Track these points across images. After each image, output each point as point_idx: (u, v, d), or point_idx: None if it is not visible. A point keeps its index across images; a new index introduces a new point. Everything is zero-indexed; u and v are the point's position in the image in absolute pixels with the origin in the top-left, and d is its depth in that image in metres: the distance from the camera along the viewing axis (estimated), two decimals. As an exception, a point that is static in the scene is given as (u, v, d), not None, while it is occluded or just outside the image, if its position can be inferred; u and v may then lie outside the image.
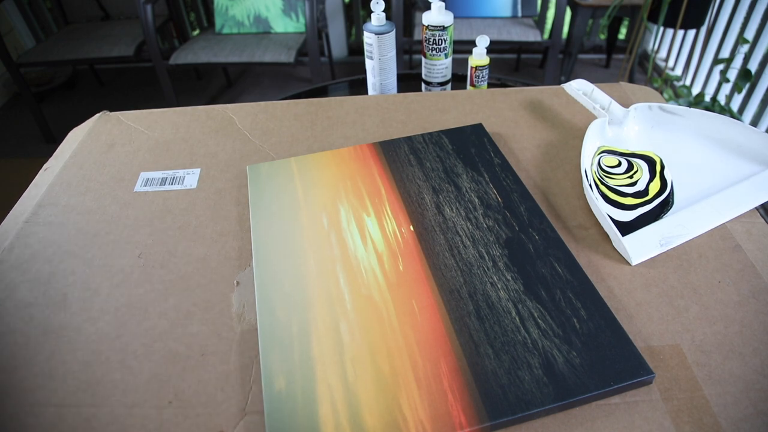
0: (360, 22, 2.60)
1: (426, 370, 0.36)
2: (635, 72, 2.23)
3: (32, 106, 2.06)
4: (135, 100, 2.41)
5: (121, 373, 0.38)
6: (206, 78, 2.54)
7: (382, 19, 0.71)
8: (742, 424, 0.33)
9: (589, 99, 0.63)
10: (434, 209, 0.48)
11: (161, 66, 1.91)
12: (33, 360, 0.39)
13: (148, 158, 0.59)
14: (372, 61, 0.74)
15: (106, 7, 2.30)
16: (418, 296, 0.41)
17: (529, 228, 0.46)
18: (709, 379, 0.36)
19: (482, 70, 0.76)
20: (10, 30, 2.39)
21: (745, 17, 1.73)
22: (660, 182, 0.51)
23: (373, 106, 0.66)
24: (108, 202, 0.53)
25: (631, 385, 0.35)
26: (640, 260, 0.44)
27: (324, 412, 0.34)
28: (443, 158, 0.54)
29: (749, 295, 0.41)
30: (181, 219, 0.51)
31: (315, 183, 0.52)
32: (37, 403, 0.36)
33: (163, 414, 0.36)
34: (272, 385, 0.35)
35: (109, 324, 0.41)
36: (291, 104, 0.67)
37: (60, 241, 0.49)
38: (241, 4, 1.97)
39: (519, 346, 0.37)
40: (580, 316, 0.38)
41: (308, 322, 0.39)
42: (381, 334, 0.38)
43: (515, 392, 0.34)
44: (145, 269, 0.46)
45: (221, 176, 0.56)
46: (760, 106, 1.64)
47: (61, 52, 2.00)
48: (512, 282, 0.41)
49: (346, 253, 0.44)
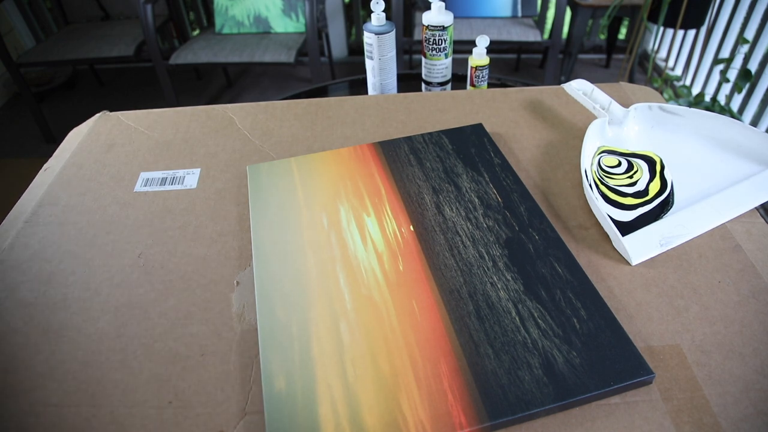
0: (360, 22, 2.60)
1: (426, 370, 0.36)
2: (635, 72, 2.23)
3: (32, 106, 2.06)
4: (135, 100, 2.41)
5: (121, 373, 0.38)
6: (206, 78, 2.54)
7: (382, 19, 0.71)
8: (742, 424, 0.33)
9: (589, 99, 0.63)
10: (434, 209, 0.48)
11: (161, 66, 1.91)
12: (33, 360, 0.39)
13: (148, 158, 0.59)
14: (372, 61, 0.74)
15: (106, 7, 2.31)
16: (418, 296, 0.41)
17: (529, 228, 0.46)
18: (709, 379, 0.36)
19: (482, 70, 0.76)
20: (10, 30, 2.39)
21: (745, 17, 1.73)
22: (660, 182, 0.51)
23: (373, 106, 0.66)
24: (108, 202, 0.53)
25: (631, 385, 0.35)
26: (640, 260, 0.44)
27: (324, 412, 0.34)
28: (443, 158, 0.54)
29: (749, 295, 0.41)
30: (181, 219, 0.51)
31: (315, 183, 0.52)
32: (37, 403, 0.36)
33: (163, 414, 0.36)
34: (272, 385, 0.35)
35: (109, 324, 0.41)
36: (291, 104, 0.67)
37: (60, 241, 0.49)
38: (241, 4, 1.97)
39: (519, 346, 0.37)
40: (580, 316, 0.38)
41: (308, 322, 0.39)
42: (381, 334, 0.38)
43: (515, 392, 0.34)
44: (145, 269, 0.46)
45: (221, 176, 0.56)
46: (760, 106, 1.64)
47: (61, 52, 2.00)
48: (512, 282, 0.41)
49: (346, 253, 0.44)
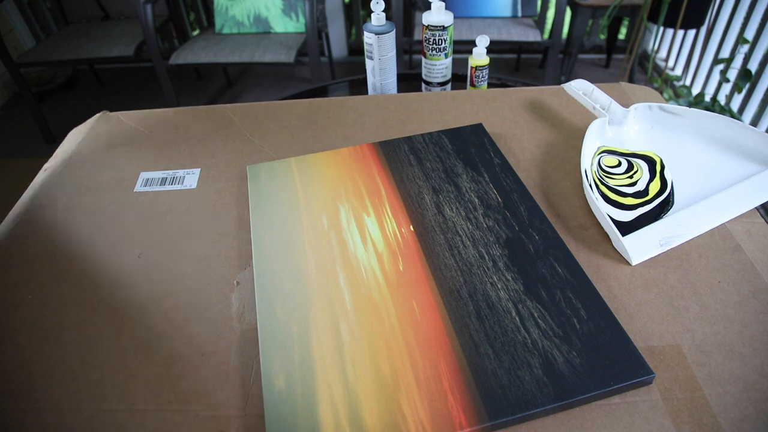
0: (360, 22, 2.60)
1: (426, 370, 0.36)
2: (635, 72, 2.23)
3: (32, 106, 2.06)
4: (135, 100, 2.41)
5: (121, 373, 0.38)
6: (206, 78, 2.54)
7: (382, 19, 0.71)
8: (741, 425, 0.33)
9: (589, 99, 0.63)
10: (434, 209, 0.48)
11: (161, 66, 1.91)
12: (33, 359, 0.39)
13: (148, 158, 0.59)
14: (372, 61, 0.74)
15: (106, 7, 2.30)
16: (418, 296, 0.41)
17: (529, 228, 0.46)
18: (709, 379, 0.36)
19: (482, 70, 0.76)
20: (10, 30, 2.39)
21: (745, 17, 1.73)
22: (660, 182, 0.51)
23: (373, 106, 0.66)
24: (108, 202, 0.53)
25: (631, 385, 0.35)
26: (640, 260, 0.44)
27: (324, 411, 0.34)
28: (443, 158, 0.54)
29: (749, 295, 0.41)
30: (181, 219, 0.51)
31: (315, 183, 0.52)
32: (37, 404, 0.36)
33: (163, 414, 0.36)
34: (272, 385, 0.35)
35: (109, 324, 0.41)
36: (291, 104, 0.67)
37: (60, 241, 0.49)
38: (241, 4, 1.97)
39: (519, 346, 0.37)
40: (580, 316, 0.38)
41: (308, 322, 0.39)
42: (381, 334, 0.38)
43: (515, 392, 0.34)
44: (145, 269, 0.46)
45: (221, 176, 0.56)
46: (760, 106, 1.64)
47: (61, 52, 2.00)
48: (512, 282, 0.41)
49: (346, 253, 0.44)
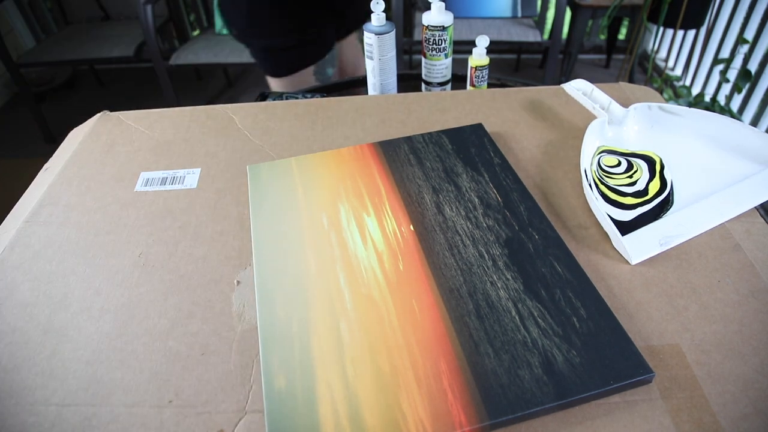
0: (360, 23, 2.60)
1: (426, 369, 0.36)
2: (635, 72, 2.23)
3: (32, 106, 2.06)
4: (135, 100, 2.41)
5: (122, 372, 0.38)
6: (206, 78, 2.54)
7: (382, 19, 0.71)
8: (741, 423, 0.33)
9: (588, 99, 0.63)
10: (434, 209, 0.48)
11: (161, 66, 1.91)
12: (34, 359, 0.39)
13: (148, 158, 0.59)
14: (372, 62, 0.74)
15: (106, 8, 2.30)
16: (418, 295, 0.41)
17: (528, 227, 0.46)
18: (708, 378, 0.36)
19: (482, 70, 0.77)
20: (10, 30, 2.39)
21: (745, 17, 1.74)
22: (660, 182, 0.51)
23: (373, 106, 0.66)
24: (108, 202, 0.53)
25: (631, 384, 0.35)
26: (640, 260, 0.44)
27: (324, 411, 0.34)
28: (443, 158, 0.54)
29: (748, 294, 0.41)
30: (181, 219, 0.51)
31: (315, 183, 0.52)
32: (38, 402, 0.36)
33: (163, 413, 0.36)
34: (272, 384, 0.36)
35: (109, 323, 0.42)
36: (291, 104, 0.67)
37: (60, 241, 0.49)
38: (241, 5, 1.97)
39: (519, 345, 0.37)
40: (580, 315, 0.38)
41: (308, 322, 0.39)
42: (381, 334, 0.38)
43: (515, 391, 0.34)
44: (146, 269, 0.46)
45: (221, 176, 0.56)
46: (760, 106, 1.64)
47: (61, 53, 2.01)
48: (512, 281, 0.41)
49: (346, 253, 0.45)
